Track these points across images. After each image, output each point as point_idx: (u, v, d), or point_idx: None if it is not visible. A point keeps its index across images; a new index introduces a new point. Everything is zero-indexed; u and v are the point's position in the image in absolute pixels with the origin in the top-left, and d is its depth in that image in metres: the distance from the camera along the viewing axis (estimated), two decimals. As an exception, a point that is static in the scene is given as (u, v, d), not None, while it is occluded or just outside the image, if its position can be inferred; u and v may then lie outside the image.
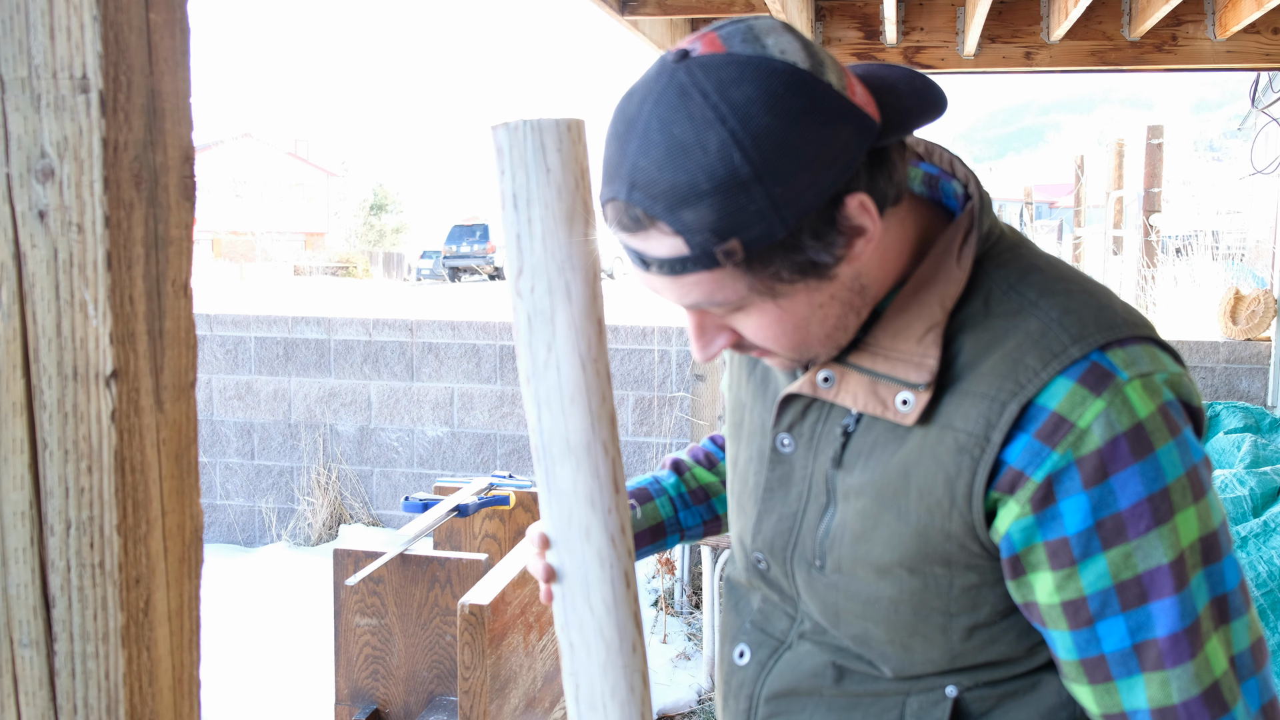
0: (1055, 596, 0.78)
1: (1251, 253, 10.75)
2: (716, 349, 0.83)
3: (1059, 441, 0.75)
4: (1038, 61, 3.77)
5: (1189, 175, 27.65)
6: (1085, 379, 0.76)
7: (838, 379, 0.86)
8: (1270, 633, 2.77)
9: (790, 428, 0.91)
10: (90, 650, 0.57)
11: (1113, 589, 0.76)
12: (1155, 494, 0.75)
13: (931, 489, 0.80)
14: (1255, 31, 3.58)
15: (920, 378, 0.80)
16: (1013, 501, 0.77)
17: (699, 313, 0.82)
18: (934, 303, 0.82)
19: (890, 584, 0.84)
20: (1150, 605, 0.76)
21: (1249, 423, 3.59)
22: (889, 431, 0.83)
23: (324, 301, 11.41)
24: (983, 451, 0.77)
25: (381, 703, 2.40)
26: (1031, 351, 0.77)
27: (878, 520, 0.83)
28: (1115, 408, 0.75)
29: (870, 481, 0.84)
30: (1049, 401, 0.76)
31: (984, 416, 0.78)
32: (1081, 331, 0.78)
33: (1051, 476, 0.75)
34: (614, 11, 3.31)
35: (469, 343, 5.97)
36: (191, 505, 0.63)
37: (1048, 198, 30.25)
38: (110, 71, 0.55)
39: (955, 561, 0.82)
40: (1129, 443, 0.74)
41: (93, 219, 0.55)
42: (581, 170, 0.76)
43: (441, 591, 2.34)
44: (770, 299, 0.78)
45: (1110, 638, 0.77)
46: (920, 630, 0.85)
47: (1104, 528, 0.75)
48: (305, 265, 32.59)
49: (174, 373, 0.61)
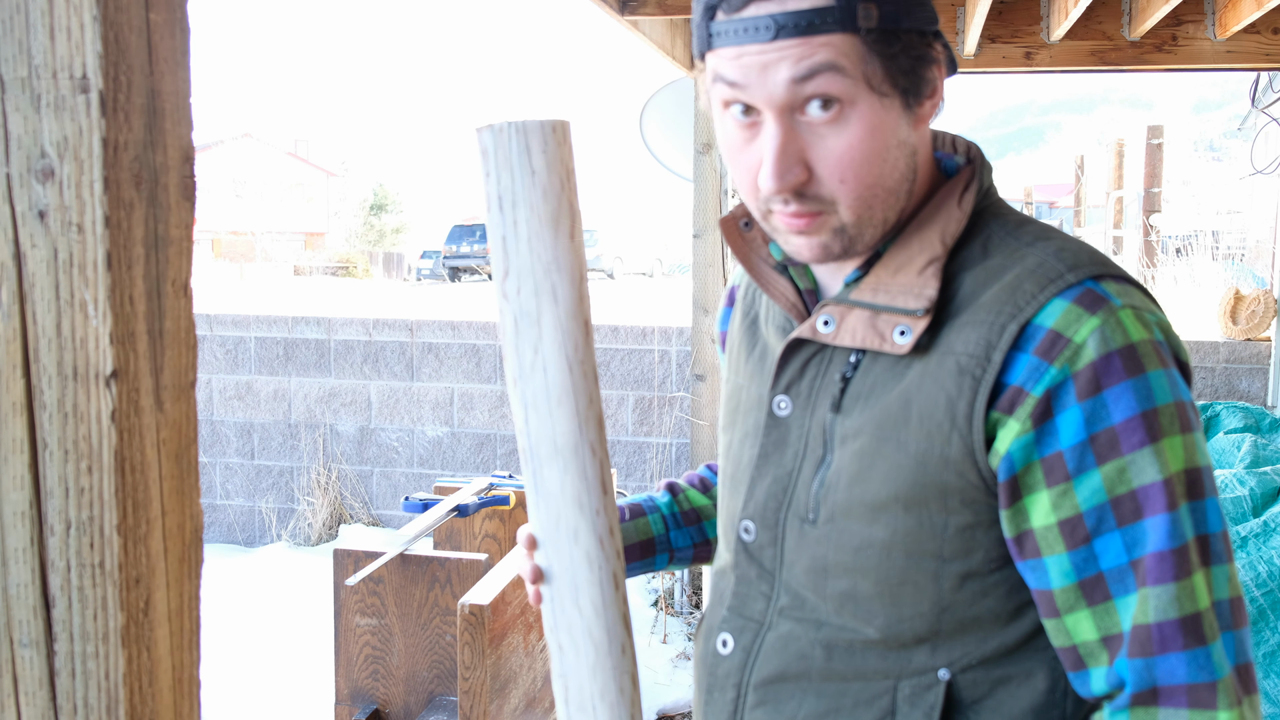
0: (1052, 516, 0.79)
1: (1251, 253, 10.74)
2: (791, 179, 0.81)
3: (1056, 356, 0.77)
4: (1038, 61, 3.77)
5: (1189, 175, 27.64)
6: (1080, 300, 0.79)
7: (838, 320, 0.87)
8: (1271, 632, 2.77)
9: (788, 388, 0.92)
10: (90, 650, 0.57)
11: (1108, 504, 0.77)
12: (1148, 411, 0.77)
13: (932, 413, 0.81)
14: (1255, 31, 3.58)
15: (919, 305, 0.83)
16: (1012, 420, 0.79)
17: (787, 125, 0.80)
18: (935, 239, 0.85)
19: (884, 526, 0.84)
20: (1145, 521, 0.77)
21: (1249, 423, 3.59)
22: (888, 370, 0.85)
23: (324, 301, 11.41)
24: (984, 371, 0.79)
25: (381, 703, 2.40)
26: (1029, 279, 0.81)
27: (876, 456, 0.84)
28: (1109, 326, 0.78)
29: (870, 419, 0.85)
30: (1046, 320, 0.78)
31: (984, 339, 0.80)
32: (1076, 262, 0.81)
33: (1050, 391, 0.78)
34: (614, 11, 3.31)
35: (469, 343, 5.97)
36: (191, 505, 0.63)
37: (1048, 198, 30.25)
38: (110, 71, 0.55)
39: (951, 494, 0.82)
40: (1122, 359, 0.77)
41: (93, 219, 0.55)
42: (567, 171, 0.76)
43: (441, 591, 2.34)
44: (875, 97, 0.80)
45: (1107, 554, 0.78)
46: (911, 577, 0.85)
47: (1098, 441, 0.77)
48: (305, 265, 32.59)
49: (174, 373, 0.61)
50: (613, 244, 25.53)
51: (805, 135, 0.81)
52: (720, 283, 4.13)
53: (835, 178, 0.81)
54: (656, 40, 3.62)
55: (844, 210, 0.83)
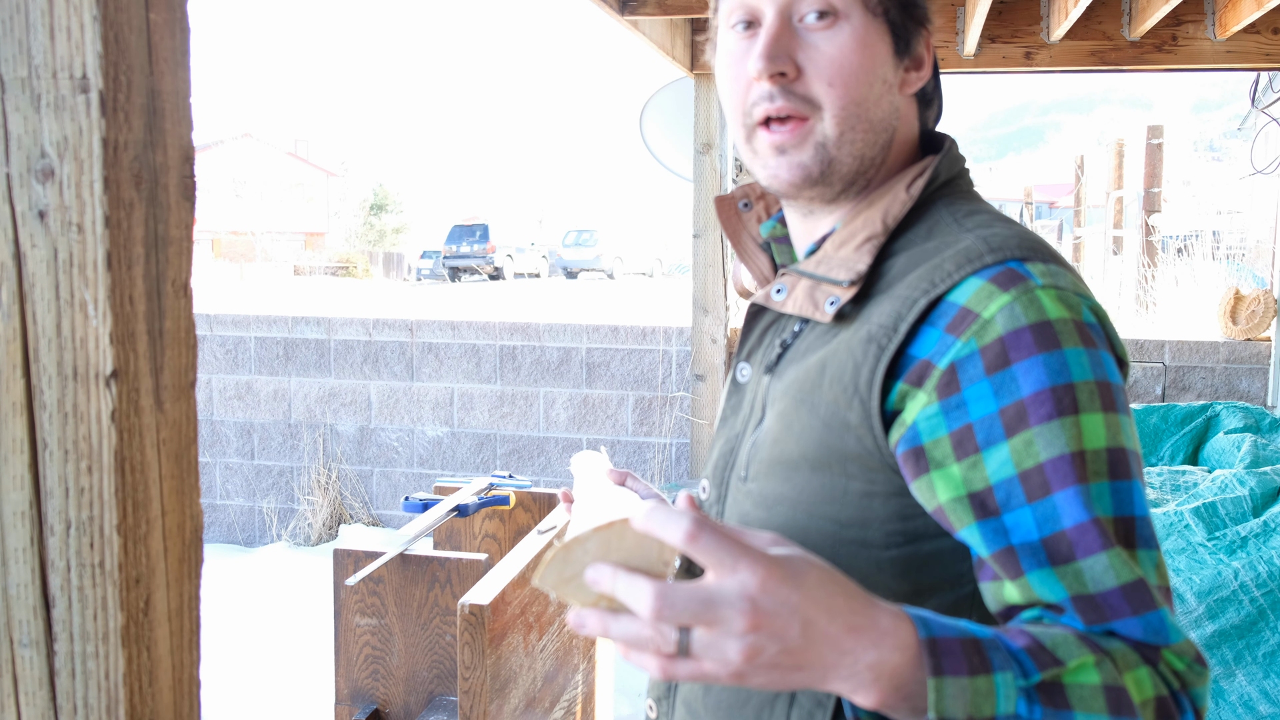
0: (962, 489, 0.77)
1: (1251, 253, 10.74)
2: (779, 64, 0.85)
3: (963, 331, 0.78)
4: (1038, 61, 3.77)
5: (1189, 175, 27.63)
6: (997, 279, 0.79)
7: (789, 289, 0.91)
8: (1271, 632, 2.77)
9: (749, 355, 0.96)
10: (90, 650, 0.57)
11: (1016, 478, 0.75)
12: (1059, 386, 0.75)
13: (839, 377, 0.83)
14: (1255, 31, 3.57)
15: (847, 277, 0.86)
16: (920, 392, 0.79)
17: (784, 21, 0.86)
18: (877, 218, 0.88)
19: (793, 485, 0.86)
20: (1054, 496, 0.74)
21: (1249, 423, 3.59)
22: (820, 338, 0.88)
23: (324, 301, 11.40)
24: (889, 340, 0.80)
25: (381, 703, 2.40)
26: (950, 260, 0.82)
27: (793, 418, 0.86)
28: (1022, 303, 0.77)
29: (793, 381, 0.88)
30: (959, 298, 0.79)
31: (896, 311, 0.82)
32: (1004, 245, 0.82)
33: (955, 364, 0.77)
34: (614, 11, 3.31)
35: (469, 343, 5.97)
36: (191, 505, 0.63)
37: (1048, 198, 30.25)
38: (110, 71, 0.55)
39: (850, 459, 0.83)
40: (1033, 335, 0.76)
41: (93, 219, 0.55)
42: None
43: (441, 591, 2.34)
44: (868, 15, 0.86)
45: (1018, 530, 0.76)
46: (810, 540, 0.85)
47: (1006, 414, 0.76)
48: (305, 265, 32.58)
49: (174, 373, 0.61)
50: (613, 244, 25.53)
51: (799, 37, 0.86)
52: (720, 283, 4.13)
53: (824, 79, 0.86)
54: (656, 40, 3.62)
55: (828, 119, 0.86)
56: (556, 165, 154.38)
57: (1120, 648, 0.73)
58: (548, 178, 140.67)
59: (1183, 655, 0.75)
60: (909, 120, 0.93)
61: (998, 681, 0.66)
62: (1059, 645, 0.70)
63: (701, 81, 4.03)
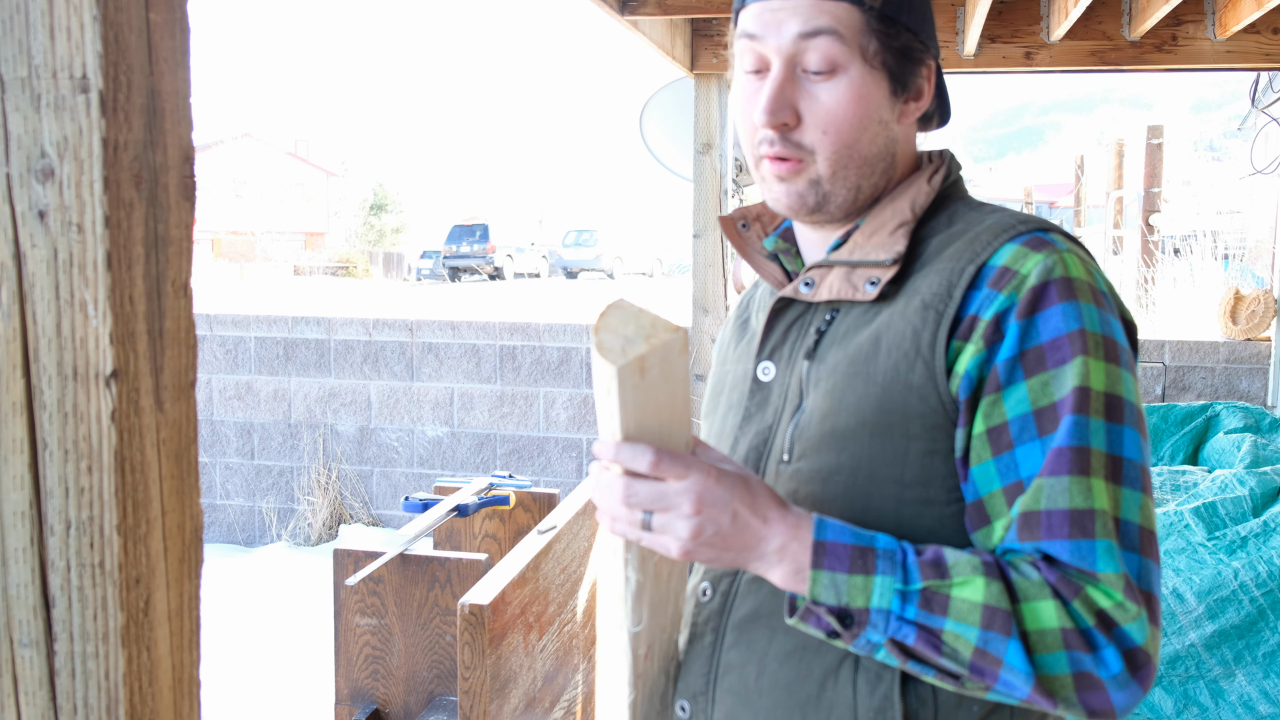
0: (982, 425, 0.87)
1: (1251, 253, 10.74)
2: (781, 116, 0.93)
3: (1005, 285, 0.87)
4: (1038, 61, 3.77)
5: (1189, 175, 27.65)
6: (1028, 243, 0.89)
7: (818, 281, 0.98)
8: (1271, 632, 2.77)
9: (772, 353, 1.00)
10: (90, 650, 0.57)
11: (1031, 414, 0.85)
12: (1072, 332, 0.84)
13: (899, 344, 0.90)
14: (1255, 31, 3.57)
15: (888, 256, 0.94)
16: (970, 344, 0.87)
17: (787, 73, 0.93)
18: (905, 206, 0.97)
19: (850, 454, 0.91)
20: (1058, 428, 0.83)
21: (1249, 423, 3.59)
22: (860, 318, 0.95)
23: (324, 301, 11.40)
24: (945, 305, 0.89)
25: (381, 703, 2.40)
26: (985, 232, 0.92)
27: (845, 390, 0.92)
28: (1052, 260, 0.87)
29: (842, 359, 0.93)
30: (998, 260, 0.89)
31: (946, 280, 0.90)
32: (1028, 220, 0.93)
33: (999, 314, 0.87)
34: (614, 11, 3.30)
35: (469, 343, 5.97)
36: (191, 505, 0.63)
37: (1048, 198, 30.25)
38: (110, 71, 0.55)
39: (913, 419, 0.89)
40: (1057, 287, 0.86)
41: (93, 219, 0.55)
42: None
43: (441, 591, 2.34)
44: (866, 68, 0.93)
45: (1027, 461, 0.84)
46: (875, 504, 0.90)
47: (1027, 357, 0.85)
48: (305, 265, 32.59)
49: (174, 373, 0.61)
50: (613, 244, 25.53)
51: (802, 86, 0.94)
52: (720, 282, 4.13)
53: (819, 128, 0.93)
54: (656, 40, 3.62)
55: (821, 162, 0.94)
56: (556, 165, 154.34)
57: (1030, 581, 0.81)
58: (548, 178, 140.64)
59: (1112, 591, 0.80)
60: (909, 140, 1.01)
61: (876, 582, 0.82)
62: (956, 565, 0.82)
63: (701, 81, 4.03)
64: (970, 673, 0.81)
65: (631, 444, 0.81)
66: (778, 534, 0.84)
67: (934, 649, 0.81)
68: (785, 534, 0.84)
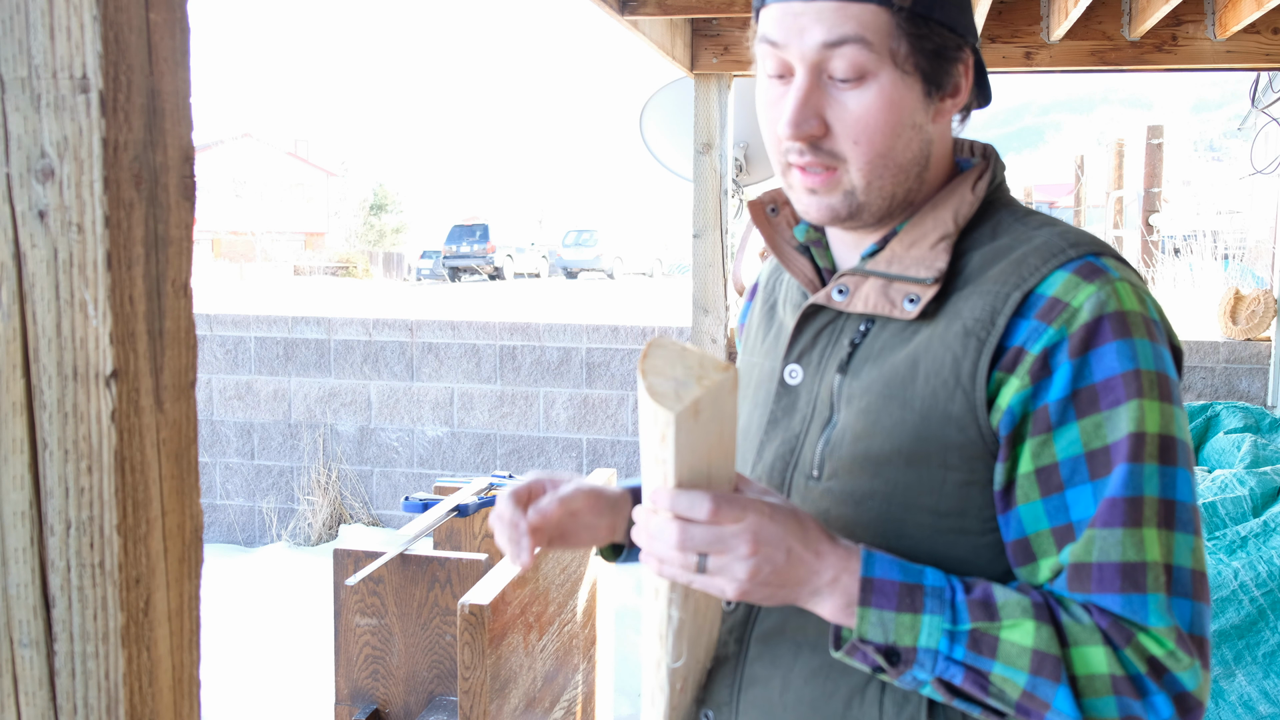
0: (1030, 464, 0.84)
1: (1251, 253, 10.74)
2: (807, 128, 0.88)
3: (1055, 318, 0.83)
4: (1038, 61, 3.77)
5: (1189, 175, 27.64)
6: (1080, 270, 0.85)
7: (852, 289, 0.94)
8: (1271, 632, 2.77)
9: (800, 356, 0.97)
10: (90, 650, 0.57)
11: (1083, 457, 0.82)
12: (1127, 373, 0.82)
13: (939, 371, 0.87)
14: (1255, 31, 3.57)
15: (929, 274, 0.89)
16: (1014, 378, 0.84)
17: (812, 81, 0.87)
18: (948, 217, 0.92)
19: (885, 480, 0.88)
20: (1111, 474, 0.81)
21: (1249, 423, 3.59)
22: (896, 335, 0.91)
23: (324, 301, 11.40)
24: (988, 334, 0.85)
25: (381, 703, 2.40)
26: (1034, 254, 0.87)
27: (881, 413, 0.89)
28: (1105, 293, 0.83)
29: (877, 378, 0.90)
30: (1047, 289, 0.85)
31: (989, 305, 0.86)
32: (1079, 241, 0.88)
33: (1048, 350, 0.83)
34: (614, 11, 3.30)
35: (469, 343, 5.97)
36: (191, 505, 0.63)
37: (1048, 198, 30.24)
38: (110, 71, 0.55)
39: (952, 449, 0.86)
40: (1112, 323, 0.82)
41: (93, 219, 0.55)
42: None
43: (441, 591, 2.34)
44: (897, 72, 0.87)
45: (1078, 505, 0.82)
46: (909, 532, 0.88)
47: (1079, 397, 0.82)
48: (305, 265, 32.58)
49: (174, 373, 0.61)
50: (613, 244, 25.53)
51: (828, 93, 0.88)
52: (720, 283, 4.13)
53: (849, 138, 0.88)
54: (656, 40, 3.62)
55: (854, 172, 0.89)
56: (556, 165, 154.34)
57: (1081, 625, 0.80)
58: (548, 178, 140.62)
59: (1164, 640, 0.79)
60: (945, 138, 0.95)
61: (924, 621, 0.80)
62: (1006, 605, 0.81)
63: (701, 81, 4.03)
64: (1016, 712, 0.81)
65: (687, 492, 0.80)
66: (829, 567, 0.82)
67: (981, 689, 0.80)
68: (837, 566, 0.83)
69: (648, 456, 0.81)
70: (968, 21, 0.91)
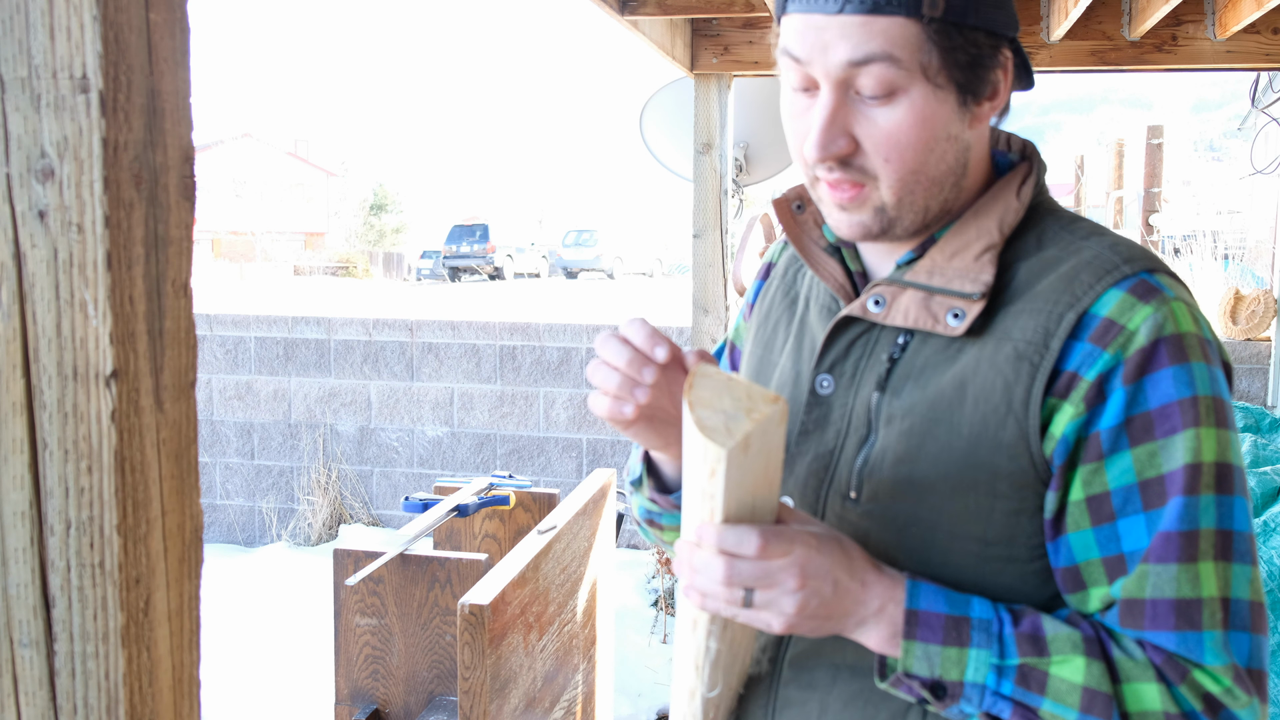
0: (1081, 492, 0.81)
1: (1251, 253, 10.74)
2: (834, 149, 0.83)
3: (1110, 342, 0.80)
4: (1038, 61, 3.77)
5: (1189, 175, 27.65)
6: (1135, 289, 0.81)
7: (889, 300, 0.89)
8: (1271, 632, 2.77)
9: (832, 367, 0.93)
10: (90, 650, 0.57)
11: (1136, 486, 0.79)
12: (1185, 400, 0.78)
13: (988, 396, 0.83)
14: (1255, 31, 3.57)
15: (974, 289, 0.85)
16: (1068, 404, 0.81)
17: (839, 99, 0.83)
18: (992, 226, 0.87)
19: (929, 507, 0.85)
20: (1166, 505, 0.78)
21: (1249, 423, 3.59)
22: (939, 352, 0.87)
23: (324, 301, 11.40)
24: (1042, 357, 0.82)
25: (381, 703, 2.40)
26: (1085, 270, 0.83)
27: (925, 437, 0.86)
28: (1162, 314, 0.80)
29: (920, 400, 0.86)
30: (1101, 309, 0.81)
31: (1042, 327, 0.82)
32: (1131, 255, 0.84)
33: (1103, 375, 0.80)
34: (614, 11, 3.31)
35: (469, 343, 5.97)
36: (191, 505, 0.63)
37: (1048, 198, 30.17)
38: (110, 71, 0.55)
39: (1001, 478, 0.83)
40: (1168, 347, 0.79)
41: (93, 219, 0.55)
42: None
43: (441, 591, 2.34)
44: (929, 87, 0.82)
45: (1130, 535, 0.80)
46: (953, 560, 0.85)
47: (1133, 424, 0.79)
48: (305, 265, 32.59)
49: (174, 373, 0.61)
50: (613, 244, 25.53)
51: (856, 109, 0.83)
52: (720, 283, 4.13)
53: (880, 155, 0.84)
54: (656, 40, 3.62)
55: (885, 189, 0.85)
56: (556, 165, 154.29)
57: (1134, 661, 0.78)
58: (548, 178, 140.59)
59: (1220, 677, 0.77)
60: (982, 141, 0.91)
61: (970, 655, 0.79)
62: (1055, 640, 0.79)
63: (701, 81, 4.03)
64: None
65: (734, 527, 0.78)
66: (875, 596, 0.81)
67: None
68: (883, 596, 0.81)
69: (693, 489, 0.78)
70: (1007, 16, 0.84)
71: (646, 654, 4.29)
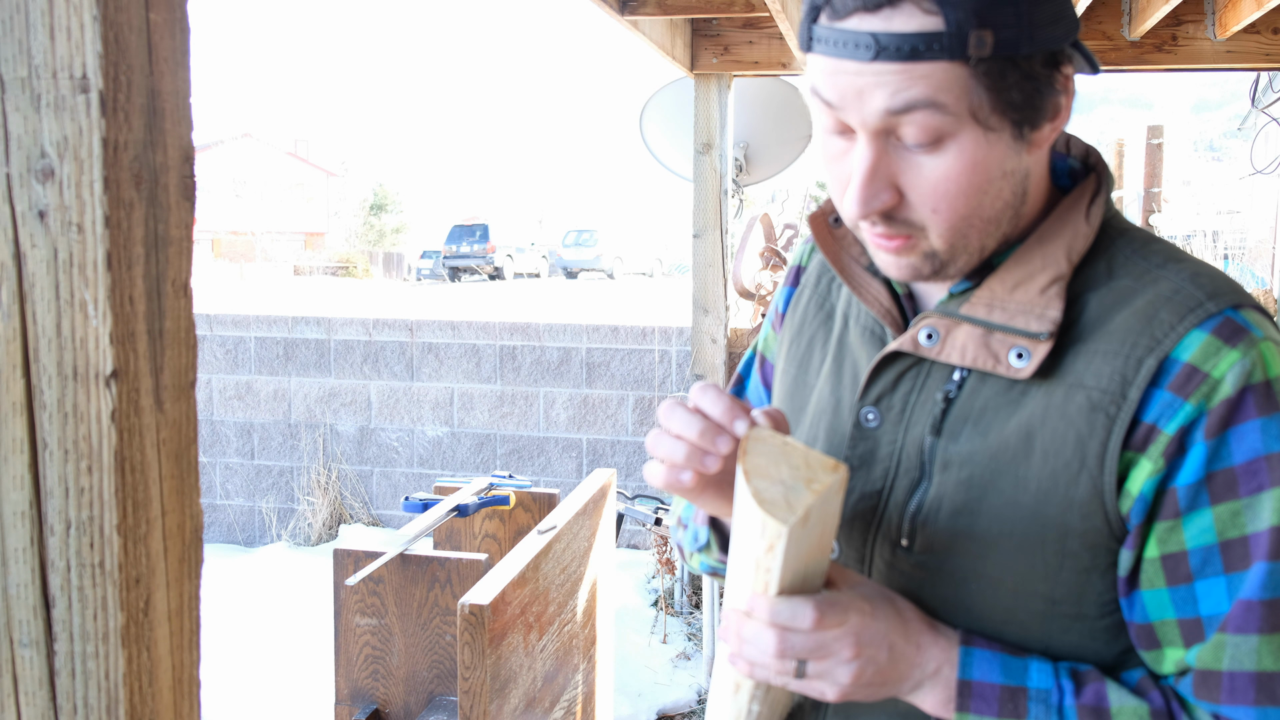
0: (1156, 550, 0.76)
1: (1251, 253, 10.74)
2: (877, 205, 0.75)
3: (1192, 392, 0.73)
4: (1038, 61, 3.77)
5: (1189, 175, 27.67)
6: (1220, 330, 0.73)
7: (943, 335, 0.81)
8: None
9: (878, 400, 0.85)
10: (90, 650, 0.57)
11: (1216, 546, 0.74)
12: (1273, 455, 0.72)
13: (1059, 450, 0.76)
14: (1255, 31, 3.58)
15: (1041, 327, 0.77)
16: (1146, 459, 0.75)
17: (879, 149, 0.74)
18: (1060, 255, 0.79)
19: (991, 564, 0.80)
20: (1249, 570, 0.72)
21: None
22: (1001, 395, 0.79)
23: (324, 301, 11.41)
24: (1119, 409, 0.75)
25: (381, 703, 2.40)
26: (1165, 308, 0.75)
27: (988, 489, 0.79)
28: (1250, 359, 0.73)
29: (981, 448, 0.80)
30: (1183, 354, 0.74)
31: (1119, 373, 0.75)
32: (1215, 290, 0.76)
33: (1184, 429, 0.73)
34: (614, 11, 3.31)
35: (469, 343, 5.97)
36: (191, 505, 0.63)
37: (1048, 198, 30.19)
38: (110, 71, 0.55)
39: (1072, 536, 0.77)
40: (1256, 396, 0.72)
41: (93, 219, 0.55)
42: None
43: (441, 591, 2.34)
44: (980, 130, 0.73)
45: (1209, 599, 0.74)
46: (1017, 617, 0.80)
47: (1214, 481, 0.73)
48: (305, 265, 32.60)
49: (174, 373, 0.61)
50: (613, 244, 25.55)
51: (899, 158, 0.75)
52: (720, 283, 4.13)
53: (927, 206, 0.76)
54: (656, 40, 3.62)
55: (935, 238, 0.77)
56: (556, 165, 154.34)
57: None
58: (548, 178, 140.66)
59: None
60: (1042, 161, 0.81)
61: None
62: (1122, 712, 0.76)
63: (701, 82, 4.03)
64: None
65: (789, 600, 0.75)
66: (932, 659, 0.78)
67: None
68: (939, 657, 0.78)
69: (745, 559, 0.75)
70: (1065, 25, 0.74)
71: (646, 654, 4.29)
